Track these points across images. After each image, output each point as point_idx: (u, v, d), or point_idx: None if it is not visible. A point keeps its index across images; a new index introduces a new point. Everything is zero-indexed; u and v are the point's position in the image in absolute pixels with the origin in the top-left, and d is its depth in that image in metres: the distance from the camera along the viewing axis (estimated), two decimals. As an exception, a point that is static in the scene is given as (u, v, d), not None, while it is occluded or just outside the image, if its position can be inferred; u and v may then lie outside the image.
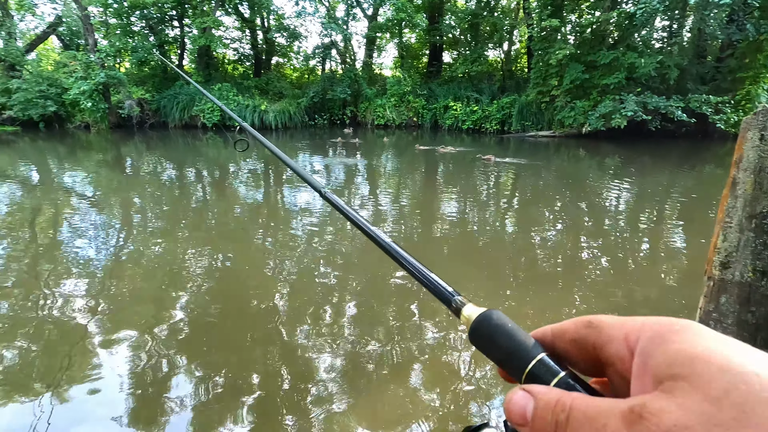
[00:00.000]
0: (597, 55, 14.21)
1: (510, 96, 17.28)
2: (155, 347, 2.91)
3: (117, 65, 17.78)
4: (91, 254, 4.57)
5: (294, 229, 5.55)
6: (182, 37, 18.96)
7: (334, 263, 4.42)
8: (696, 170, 10.09)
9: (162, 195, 7.36)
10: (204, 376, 2.64)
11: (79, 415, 2.34)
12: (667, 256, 4.83)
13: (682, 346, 0.21)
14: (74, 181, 8.51)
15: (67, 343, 2.94)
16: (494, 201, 7.32)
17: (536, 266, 4.45)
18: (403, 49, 21.69)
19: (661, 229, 5.89)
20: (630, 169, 10.17)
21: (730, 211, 1.08)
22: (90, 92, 14.93)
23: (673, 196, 7.68)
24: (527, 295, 3.77)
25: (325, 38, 19.16)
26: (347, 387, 2.57)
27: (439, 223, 5.96)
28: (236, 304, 3.53)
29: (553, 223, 5.96)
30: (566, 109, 14.84)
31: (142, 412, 2.36)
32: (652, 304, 3.61)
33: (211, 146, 13.61)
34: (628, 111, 13.01)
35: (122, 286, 3.82)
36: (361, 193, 7.73)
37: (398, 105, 18.79)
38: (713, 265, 1.14)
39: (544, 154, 12.76)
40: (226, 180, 9.00)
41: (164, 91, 17.60)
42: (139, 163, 10.70)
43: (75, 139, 14.50)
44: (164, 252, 4.66)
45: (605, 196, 7.65)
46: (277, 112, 17.42)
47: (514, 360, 0.29)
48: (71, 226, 5.58)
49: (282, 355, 2.88)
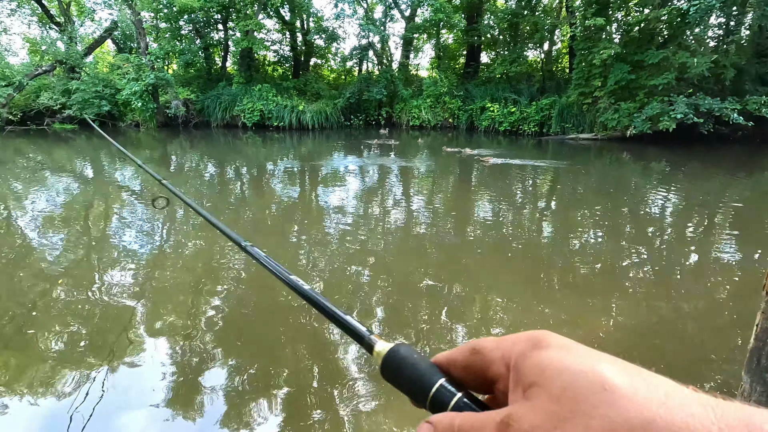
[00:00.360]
0: (645, 54, 13.54)
1: (550, 97, 16.77)
2: (193, 337, 3.04)
3: (165, 67, 18.72)
4: (137, 246, 4.84)
5: (328, 227, 5.64)
6: (226, 39, 19.69)
7: (366, 261, 4.46)
8: (753, 177, 9.41)
9: (203, 191, 7.67)
10: (238, 367, 2.73)
11: (122, 397, 2.49)
12: (718, 267, 4.54)
13: (540, 357, 0.25)
14: (124, 176, 9.03)
15: (113, 330, 3.13)
16: (531, 205, 7.13)
17: (574, 273, 4.30)
18: (440, 49, 21.53)
19: (711, 239, 5.55)
20: (678, 175, 9.64)
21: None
22: (140, 93, 15.81)
23: (726, 204, 7.20)
24: (564, 302, 3.66)
25: (362, 39, 19.35)
26: (376, 386, 2.59)
27: (473, 227, 5.88)
28: (270, 298, 3.63)
29: (594, 229, 5.74)
30: (610, 111, 14.24)
31: (178, 398, 2.47)
32: (700, 318, 3.41)
33: (250, 145, 14.05)
34: (678, 113, 12.31)
35: (165, 277, 4.02)
36: (394, 194, 7.75)
37: (434, 106, 18.67)
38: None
39: (585, 157, 12.31)
40: (264, 177, 9.27)
41: (208, 92, 18.34)
42: (183, 159, 11.21)
43: (126, 136, 15.37)
44: (204, 245, 4.86)
45: (650, 202, 7.28)
46: (314, 112, 17.75)
47: (418, 388, 0.32)
48: (120, 219, 5.92)
49: (312, 351, 2.93)
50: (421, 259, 4.60)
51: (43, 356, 2.80)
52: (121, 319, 3.24)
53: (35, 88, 17.05)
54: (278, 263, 0.62)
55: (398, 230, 5.62)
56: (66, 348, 2.91)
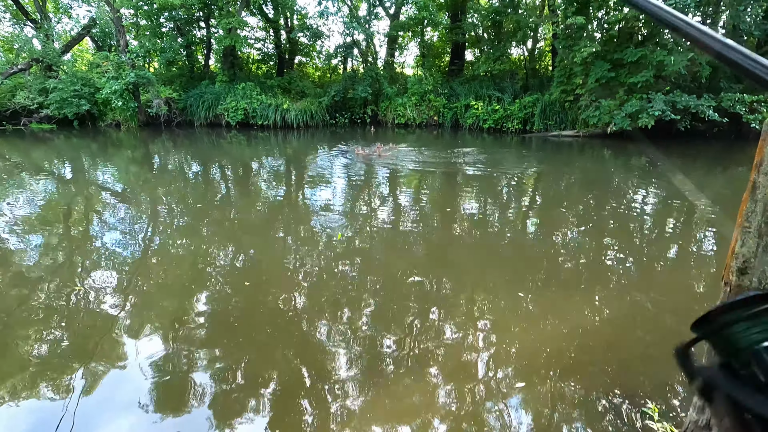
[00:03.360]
0: (624, 53, 13.82)
1: (533, 95, 16.99)
2: (180, 339, 3.02)
3: (146, 65, 18.34)
4: (120, 248, 4.76)
5: (315, 226, 5.64)
6: (208, 37, 19.39)
7: (354, 261, 4.48)
8: (728, 173, 9.72)
9: (187, 191, 7.57)
10: (225, 368, 2.73)
11: (106, 400, 2.47)
12: (697, 261, 4.70)
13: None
14: (105, 176, 8.85)
15: (96, 332, 3.08)
16: (516, 203, 7.24)
17: (558, 269, 4.39)
18: (425, 47, 21.59)
19: (689, 234, 5.72)
20: (657, 171, 9.88)
21: (749, 216, 1.06)
22: (121, 91, 15.47)
23: (704, 198, 7.43)
24: (548, 297, 3.74)
25: (347, 37, 19.27)
26: (364, 384, 2.62)
27: (457, 222, 5.94)
28: (257, 299, 3.62)
29: (576, 225, 5.86)
30: (591, 108, 14.50)
31: (165, 399, 2.46)
32: (679, 311, 3.52)
33: (234, 144, 13.90)
34: (656, 110, 12.61)
35: (149, 279, 3.98)
36: (380, 191, 7.77)
37: (419, 104, 18.73)
38: (730, 271, 1.13)
39: (567, 153, 12.52)
40: (250, 177, 9.19)
41: (190, 91, 18.06)
42: (166, 160, 11.03)
43: (106, 136, 15.05)
44: (189, 246, 4.81)
45: (630, 198, 7.46)
46: (299, 111, 17.62)
47: None
48: (102, 221, 5.82)
49: (300, 351, 2.94)
50: (406, 257, 4.64)
51: (25, 360, 2.75)
52: (104, 321, 3.20)
53: (10, 87, 16.53)
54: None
55: (387, 229, 5.65)
56: (48, 351, 2.86)
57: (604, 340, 3.11)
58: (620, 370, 2.76)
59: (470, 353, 2.93)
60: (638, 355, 2.97)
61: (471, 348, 2.98)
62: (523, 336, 3.12)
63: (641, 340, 3.17)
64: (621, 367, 2.79)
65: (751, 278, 1.09)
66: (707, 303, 3.57)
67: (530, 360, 2.86)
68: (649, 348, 3.05)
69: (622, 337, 3.17)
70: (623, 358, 2.91)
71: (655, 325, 3.36)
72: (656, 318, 3.48)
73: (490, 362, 2.83)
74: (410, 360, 2.85)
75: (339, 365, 2.78)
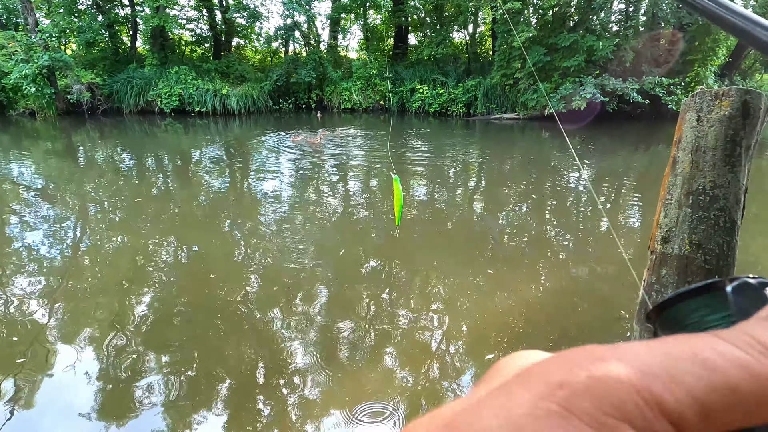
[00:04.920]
0: (558, 38, 14.50)
1: (475, 79, 17.40)
2: (120, 342, 2.83)
3: (62, 47, 16.59)
4: (45, 250, 4.34)
5: (262, 216, 5.46)
6: (134, 16, 17.86)
7: (303, 249, 4.40)
8: (650, 150, 10.61)
9: (120, 185, 7.03)
10: (174, 369, 2.60)
11: (39, 413, 2.27)
12: (625, 233, 5.11)
13: None
14: (21, 172, 7.98)
15: (23, 342, 2.81)
16: (462, 185, 7.44)
17: (503, 246, 4.60)
18: (368, 30, 21.32)
19: (618, 207, 6.20)
20: (589, 151, 10.56)
21: (671, 189, 1.16)
22: (33, 76, 13.88)
23: (630, 175, 8.07)
24: (495, 274, 3.91)
25: (287, 19, 18.55)
26: (321, 373, 2.61)
27: (405, 206, 6.02)
28: (204, 295, 3.47)
29: (518, 204, 6.14)
30: (529, 91, 15.14)
31: (109, 409, 2.31)
32: (611, 280, 3.83)
33: (170, 133, 13.05)
34: (587, 93, 13.42)
35: (81, 282, 3.67)
36: (330, 178, 7.67)
37: (365, 88, 18.57)
38: (655, 240, 1.23)
39: (509, 136, 13.04)
40: (189, 168, 8.69)
41: (116, 75, 16.60)
42: (93, 151, 10.14)
43: (19, 126, 13.54)
44: (126, 244, 4.49)
45: (567, 176, 7.93)
46: (240, 96, 16.83)
47: None
48: (22, 221, 5.26)
49: (254, 344, 2.87)
50: (356, 244, 4.64)
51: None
52: (31, 329, 2.92)
53: None
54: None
55: (335, 216, 5.60)
56: (-34, 370, 2.57)
57: (546, 310, 3.31)
58: (561, 337, 2.96)
59: (423, 333, 3.00)
60: (577, 322, 3.21)
61: (424, 328, 3.06)
62: (473, 312, 3.25)
63: (579, 308, 3.41)
64: (562, 335, 2.99)
65: (672, 246, 1.20)
66: (637, 271, 3.91)
67: (480, 334, 2.99)
68: (586, 314, 3.29)
69: (562, 307, 3.39)
70: (564, 326, 3.12)
71: (591, 293, 3.63)
72: (592, 287, 3.76)
73: (442, 340, 2.92)
74: (366, 344, 2.88)
75: (295, 354, 2.75)
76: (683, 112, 1.21)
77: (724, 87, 1.21)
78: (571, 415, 0.16)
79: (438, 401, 2.39)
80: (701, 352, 0.17)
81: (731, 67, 16.50)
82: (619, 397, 0.16)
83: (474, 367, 2.68)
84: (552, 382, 0.17)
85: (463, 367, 2.68)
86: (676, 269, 1.20)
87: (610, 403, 0.16)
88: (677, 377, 0.16)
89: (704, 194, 1.14)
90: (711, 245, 1.14)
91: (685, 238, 1.16)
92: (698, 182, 1.14)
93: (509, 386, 0.18)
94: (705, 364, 0.17)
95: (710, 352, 0.17)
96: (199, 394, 2.41)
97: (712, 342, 0.18)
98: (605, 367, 0.17)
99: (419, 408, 2.33)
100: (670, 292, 1.28)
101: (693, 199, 1.15)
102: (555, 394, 0.17)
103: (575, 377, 0.17)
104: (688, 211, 1.16)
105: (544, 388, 0.17)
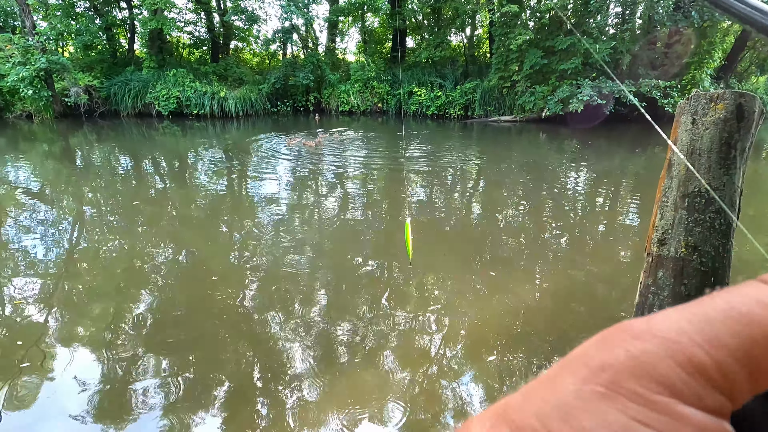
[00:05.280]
0: (555, 40, 14.57)
1: (473, 81, 17.46)
2: (118, 344, 2.82)
3: (60, 49, 16.57)
4: (43, 253, 4.33)
5: (259, 219, 5.46)
6: (131, 19, 17.85)
7: (302, 251, 4.40)
8: (647, 153, 10.65)
9: (118, 187, 7.01)
10: (172, 371, 2.59)
11: (38, 416, 2.26)
12: (622, 235, 5.12)
13: None
14: (18, 175, 7.96)
15: (21, 346, 2.80)
16: (460, 187, 7.46)
17: (501, 248, 4.60)
18: (366, 33, 21.39)
19: (615, 209, 6.22)
20: (587, 153, 10.60)
21: (667, 191, 1.17)
22: (30, 79, 13.85)
23: (627, 177, 8.10)
24: (493, 276, 3.91)
25: (285, 22, 18.58)
26: (319, 374, 2.60)
27: (403, 209, 6.02)
28: (202, 297, 3.46)
29: (516, 206, 6.16)
30: (526, 94, 15.20)
31: (107, 411, 2.30)
32: (607, 280, 3.84)
33: (168, 135, 13.04)
34: (584, 96, 13.48)
35: (79, 285, 3.66)
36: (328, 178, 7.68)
37: (362, 91, 18.60)
38: (652, 242, 1.24)
39: (506, 138, 13.07)
40: (186, 171, 8.68)
41: (114, 78, 16.58)
42: (91, 154, 10.12)
43: (16, 129, 13.50)
44: (123, 247, 4.48)
45: (564, 178, 7.96)
46: (238, 99, 16.83)
47: None
48: (19, 224, 5.24)
49: (251, 346, 2.86)
50: (354, 246, 4.64)
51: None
52: (30, 332, 2.91)
53: None
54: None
55: (334, 219, 5.60)
56: (-38, 374, 2.56)
57: (544, 312, 3.32)
58: (560, 339, 2.97)
59: (422, 335, 3.00)
60: (574, 324, 3.21)
61: (423, 330, 3.06)
62: (472, 314, 3.25)
63: (576, 309, 3.42)
64: (560, 337, 3.00)
65: (669, 248, 1.21)
66: (634, 272, 3.92)
67: (479, 336, 2.99)
68: (584, 316, 3.30)
69: (560, 308, 3.40)
70: (562, 328, 3.12)
71: (588, 295, 3.64)
72: (589, 288, 3.77)
73: (441, 342, 2.92)
74: (365, 345, 2.88)
75: (293, 356, 2.74)
76: (678, 115, 1.22)
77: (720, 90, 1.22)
78: (618, 395, 0.15)
79: (438, 403, 2.39)
80: (739, 306, 0.16)
81: (727, 69, 16.62)
82: (662, 373, 0.15)
83: (473, 370, 2.68)
84: (594, 365, 0.17)
85: (462, 370, 2.68)
86: (672, 271, 1.21)
87: (655, 379, 0.15)
88: (715, 339, 0.15)
89: (700, 197, 1.15)
90: (707, 247, 1.15)
91: (681, 241, 1.17)
92: (694, 185, 1.15)
93: (554, 373, 0.18)
94: (742, 318, 0.16)
95: (748, 302, 0.16)
96: (194, 394, 2.40)
97: (752, 290, 0.16)
98: (643, 343, 0.16)
99: (419, 410, 2.33)
100: (666, 294, 1.29)
101: (689, 202, 1.16)
102: (599, 377, 0.16)
103: (615, 357, 0.16)
104: (684, 214, 1.17)
105: (586, 372, 0.17)
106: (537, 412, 0.16)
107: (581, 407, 0.16)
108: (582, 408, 0.16)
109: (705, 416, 0.15)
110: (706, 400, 0.15)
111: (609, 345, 0.17)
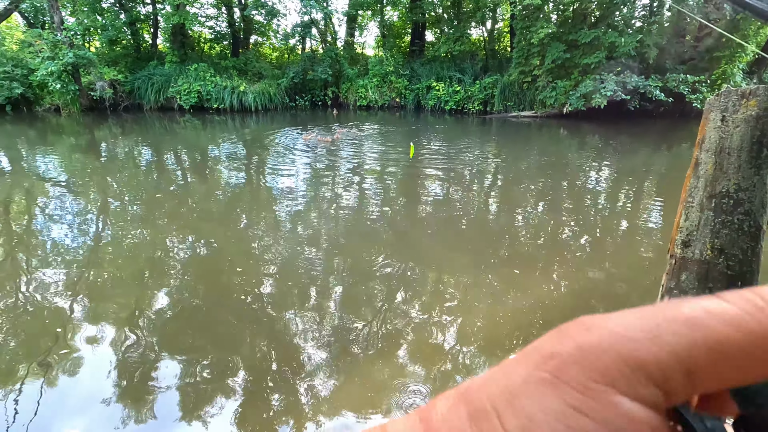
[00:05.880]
0: (578, 34, 14.20)
1: (492, 76, 17.19)
2: (139, 333, 2.90)
3: (86, 44, 17.01)
4: (69, 242, 4.48)
5: (278, 212, 5.52)
6: (155, 14, 18.18)
7: (318, 245, 4.43)
8: (673, 150, 10.33)
9: (141, 180, 7.19)
10: (190, 360, 2.65)
11: (63, 400, 2.34)
12: (644, 234, 4.99)
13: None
14: (47, 166, 8.23)
15: (48, 332, 2.91)
16: (478, 184, 7.38)
17: (519, 246, 4.54)
18: (385, 27, 21.26)
19: (638, 209, 6.06)
20: (609, 149, 10.34)
21: (693, 191, 1.13)
22: (58, 73, 14.28)
23: (651, 175, 7.88)
24: (511, 274, 3.87)
25: (304, 16, 18.64)
26: (334, 368, 2.63)
27: (420, 205, 5.99)
28: (220, 288, 3.52)
29: (535, 204, 6.06)
30: (548, 89, 14.89)
31: (129, 397, 2.37)
32: (629, 281, 3.75)
33: (189, 129, 13.28)
34: (608, 91, 13.13)
35: (103, 274, 3.77)
36: (345, 174, 7.70)
37: (380, 85, 18.54)
38: (675, 244, 1.20)
39: (526, 134, 12.85)
40: (207, 164, 8.83)
41: (138, 72, 16.95)
42: (115, 147, 10.39)
43: (45, 122, 13.95)
44: (146, 238, 4.59)
45: (585, 176, 7.79)
46: (257, 93, 17.00)
47: None
48: (46, 214, 5.43)
49: (268, 338, 2.91)
50: (370, 241, 4.65)
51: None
52: (56, 318, 3.01)
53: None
54: None
55: (351, 214, 5.62)
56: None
57: (562, 312, 3.26)
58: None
59: (438, 332, 2.99)
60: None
61: (439, 326, 3.05)
62: (488, 312, 3.22)
63: (596, 309, 3.35)
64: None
65: (693, 250, 1.16)
66: (655, 274, 3.82)
67: (495, 335, 2.97)
68: (603, 317, 3.23)
69: (579, 309, 3.34)
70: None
71: (608, 295, 3.56)
72: (610, 288, 3.69)
73: (457, 339, 2.91)
74: (380, 341, 2.89)
75: (309, 349, 2.77)
76: (707, 112, 1.17)
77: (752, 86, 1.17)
78: (560, 381, 0.17)
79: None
80: (688, 312, 0.17)
81: (761, 64, 15.91)
82: (604, 364, 0.17)
83: (488, 366, 2.66)
84: (545, 354, 0.19)
85: (476, 366, 2.66)
86: (696, 274, 1.17)
87: (596, 369, 0.17)
88: (659, 338, 0.17)
89: (728, 197, 1.10)
90: (734, 250, 1.11)
91: (706, 243, 1.13)
92: (721, 185, 1.10)
93: (514, 359, 0.20)
94: (688, 322, 0.17)
95: (696, 308, 0.17)
96: (211, 384, 2.45)
97: (705, 300, 0.18)
98: (591, 336, 0.18)
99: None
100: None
101: (716, 203, 1.12)
102: (547, 364, 0.18)
103: (564, 347, 0.18)
104: (711, 215, 1.12)
105: (537, 359, 0.19)
106: (490, 394, 0.18)
107: (525, 391, 0.17)
108: (526, 392, 0.17)
109: (638, 406, 0.16)
110: (642, 392, 0.16)
111: (563, 336, 0.19)
